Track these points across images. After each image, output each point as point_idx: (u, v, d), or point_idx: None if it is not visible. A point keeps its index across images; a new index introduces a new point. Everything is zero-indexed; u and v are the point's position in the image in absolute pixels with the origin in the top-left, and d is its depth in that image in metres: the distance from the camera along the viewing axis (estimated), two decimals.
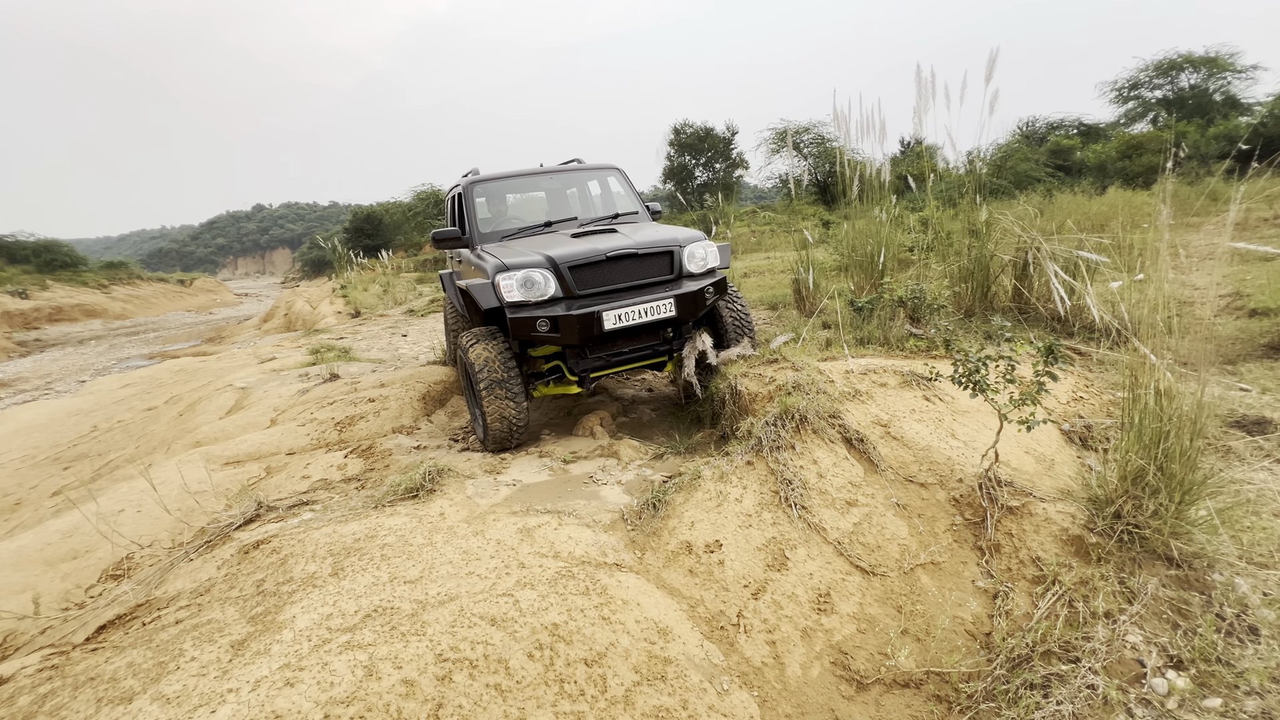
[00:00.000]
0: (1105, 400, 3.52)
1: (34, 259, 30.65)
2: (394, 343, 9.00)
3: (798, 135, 21.64)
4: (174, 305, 32.16)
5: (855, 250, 5.06)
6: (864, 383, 3.18)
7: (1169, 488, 2.02)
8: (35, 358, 16.77)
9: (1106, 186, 13.38)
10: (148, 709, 1.47)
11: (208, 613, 1.94)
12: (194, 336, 18.40)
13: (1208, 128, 17.03)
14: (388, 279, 18.21)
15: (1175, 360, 2.12)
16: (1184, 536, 2.03)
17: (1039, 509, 2.29)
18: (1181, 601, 1.92)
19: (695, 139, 26.51)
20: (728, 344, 3.75)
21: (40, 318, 24.42)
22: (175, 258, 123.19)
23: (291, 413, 4.78)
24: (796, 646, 1.99)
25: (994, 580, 2.17)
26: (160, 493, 3.18)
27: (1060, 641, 1.88)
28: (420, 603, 1.85)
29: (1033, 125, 22.04)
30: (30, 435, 6.49)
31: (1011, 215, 4.96)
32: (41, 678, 1.74)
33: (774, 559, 2.23)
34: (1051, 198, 8.89)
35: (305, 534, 2.34)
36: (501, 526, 2.36)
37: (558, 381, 3.69)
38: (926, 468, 2.61)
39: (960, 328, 4.32)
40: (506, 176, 4.57)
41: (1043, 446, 2.91)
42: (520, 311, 3.20)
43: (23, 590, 2.64)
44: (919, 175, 7.84)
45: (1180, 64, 20.07)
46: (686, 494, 2.48)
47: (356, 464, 3.61)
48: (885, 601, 2.14)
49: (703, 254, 3.57)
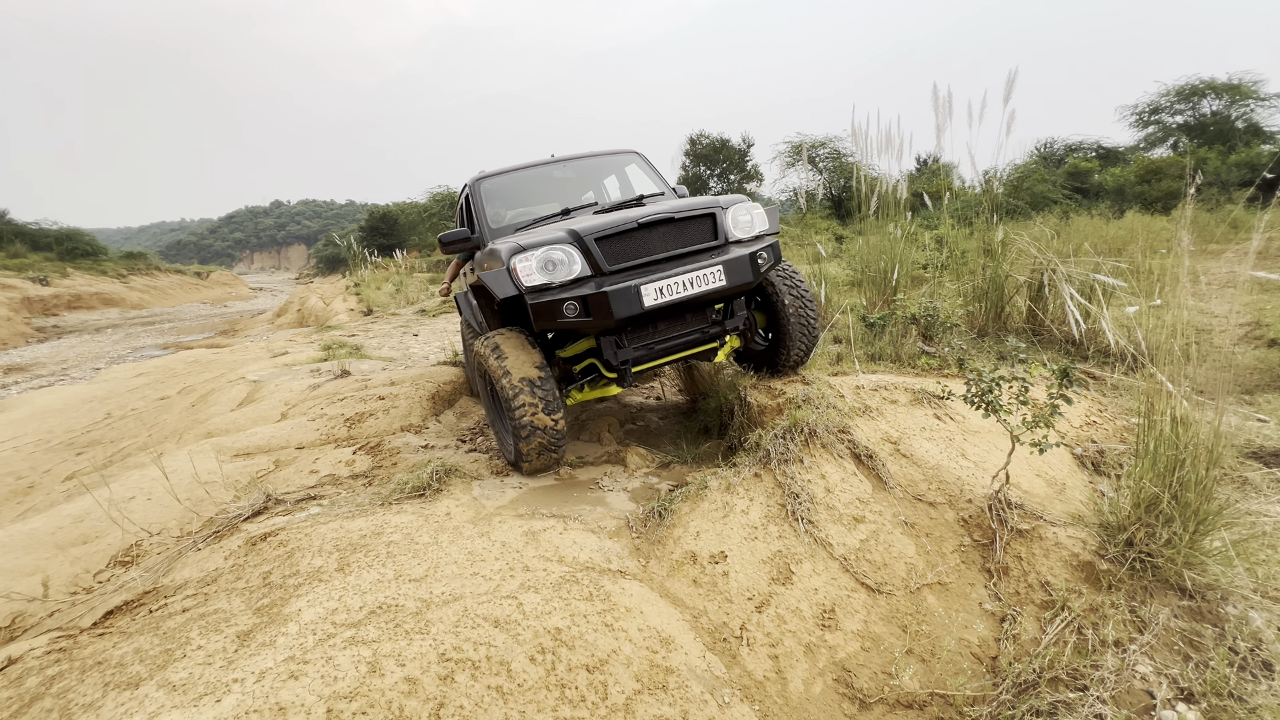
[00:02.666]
0: (1119, 425, 3.48)
1: (56, 247, 31.25)
2: (405, 341, 9.07)
3: (813, 149, 21.68)
4: (190, 297, 32.61)
5: (869, 266, 5.06)
6: (874, 399, 3.17)
7: (1183, 517, 1.99)
8: (53, 344, 17.04)
9: (1124, 210, 13.29)
10: (154, 695, 1.48)
11: (214, 602, 1.96)
12: (208, 328, 18.62)
13: (1229, 154, 16.88)
14: (401, 278, 18.38)
15: (1192, 388, 2.09)
16: (1198, 567, 2.00)
17: (1049, 533, 2.27)
18: (1194, 633, 1.89)
19: (711, 150, 26.61)
20: (786, 328, 3.26)
21: (60, 305, 24.83)
22: (193, 250, 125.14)
23: (302, 407, 4.82)
24: (799, 662, 1.97)
25: (1002, 603, 2.15)
26: (171, 481, 3.21)
27: (1068, 669, 1.85)
28: (425, 601, 1.85)
29: (1051, 146, 21.97)
30: (45, 420, 6.58)
31: (1027, 236, 4.94)
32: (49, 660, 1.76)
33: (779, 572, 2.21)
34: (1068, 220, 8.84)
35: (312, 528, 2.35)
36: (507, 529, 2.36)
37: (593, 383, 3.24)
38: (936, 487, 2.59)
39: (973, 347, 4.30)
40: (517, 169, 4.23)
41: (1054, 470, 2.88)
42: (542, 296, 2.70)
43: (33, 572, 2.67)
44: (935, 193, 7.83)
45: (1202, 90, 19.94)
46: (693, 504, 2.48)
47: (365, 461, 3.63)
48: (890, 620, 2.12)
49: (748, 217, 3.10)
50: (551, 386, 2.82)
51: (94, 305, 26.28)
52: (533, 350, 2.89)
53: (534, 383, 2.77)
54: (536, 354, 2.88)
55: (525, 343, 2.93)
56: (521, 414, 2.75)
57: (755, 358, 3.58)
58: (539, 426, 2.77)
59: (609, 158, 4.47)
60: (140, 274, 32.58)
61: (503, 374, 2.79)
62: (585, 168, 4.47)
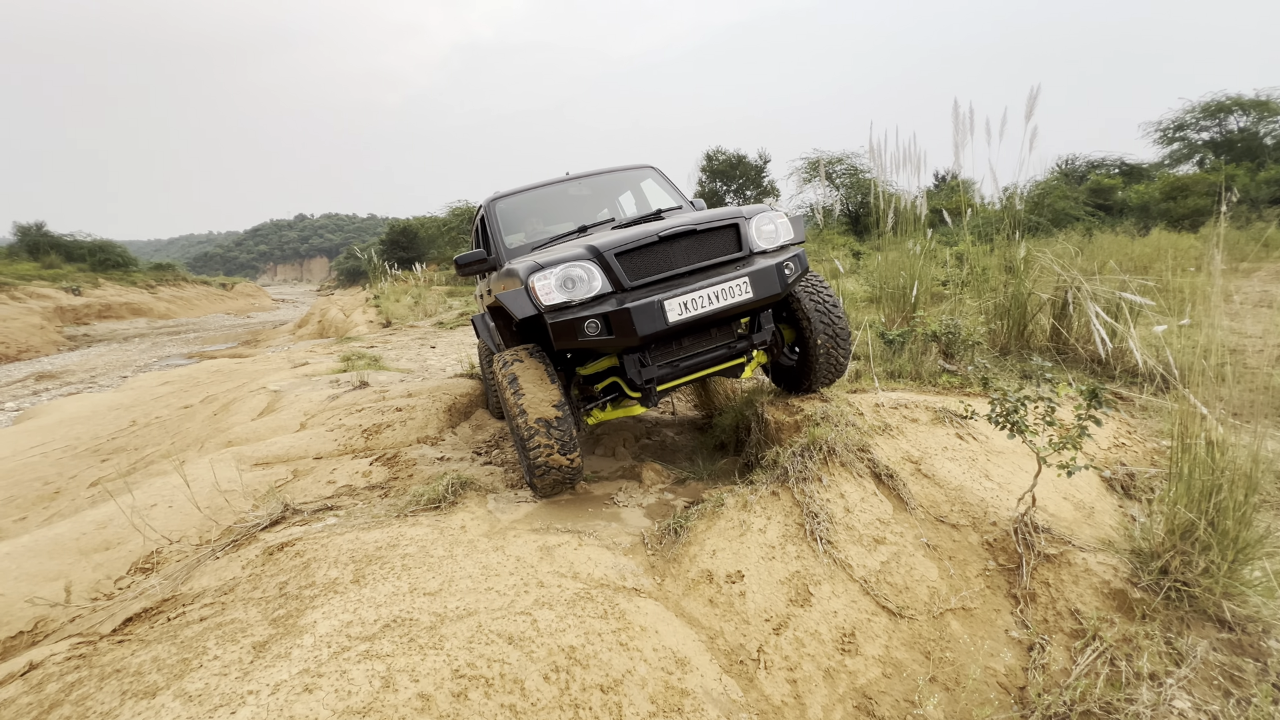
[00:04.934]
0: (1149, 448, 3.38)
1: (89, 258, 32.28)
2: (422, 354, 9.16)
3: (830, 165, 21.69)
4: (214, 307, 33.38)
5: (887, 282, 5.01)
6: (894, 417, 3.11)
7: (1221, 545, 1.92)
8: (83, 352, 17.51)
9: (1149, 228, 13.06)
10: (170, 705, 1.49)
11: (231, 612, 1.96)
12: (231, 338, 19.01)
13: (1258, 171, 16.56)
14: (419, 291, 18.63)
15: (1227, 410, 2.02)
16: (1237, 598, 1.91)
17: (1078, 558, 2.20)
18: (1234, 667, 1.81)
19: (727, 165, 26.76)
20: (812, 340, 3.14)
21: (90, 314, 25.56)
22: (219, 262, 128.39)
23: (321, 418, 4.88)
24: (819, 687, 1.92)
25: (1029, 631, 2.08)
26: (192, 489, 3.25)
27: (1101, 702, 1.78)
28: (439, 616, 1.84)
29: (1073, 163, 21.73)
30: (73, 426, 6.74)
31: (1050, 253, 4.87)
32: (69, 666, 1.77)
33: (797, 594, 2.17)
34: (1091, 237, 8.70)
35: (329, 539, 2.36)
36: (521, 543, 2.35)
37: (615, 403, 3.15)
38: (959, 508, 2.53)
39: (996, 366, 4.22)
40: (532, 188, 4.19)
41: (1082, 493, 2.80)
42: (562, 315, 2.60)
43: (56, 578, 2.71)
44: (954, 209, 7.77)
45: (1229, 106, 19.64)
46: (709, 521, 2.45)
47: (381, 472, 3.65)
48: (913, 646, 2.06)
49: (771, 227, 3.00)
50: (569, 426, 2.73)
51: (123, 315, 27.01)
52: (551, 386, 2.78)
53: (550, 424, 2.68)
54: (555, 390, 2.77)
55: (544, 375, 2.81)
56: (536, 454, 2.69)
57: (785, 375, 3.45)
58: (554, 466, 2.72)
59: (625, 173, 4.43)
60: (168, 285, 33.49)
61: (519, 412, 2.70)
62: (601, 184, 4.43)
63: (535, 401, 2.72)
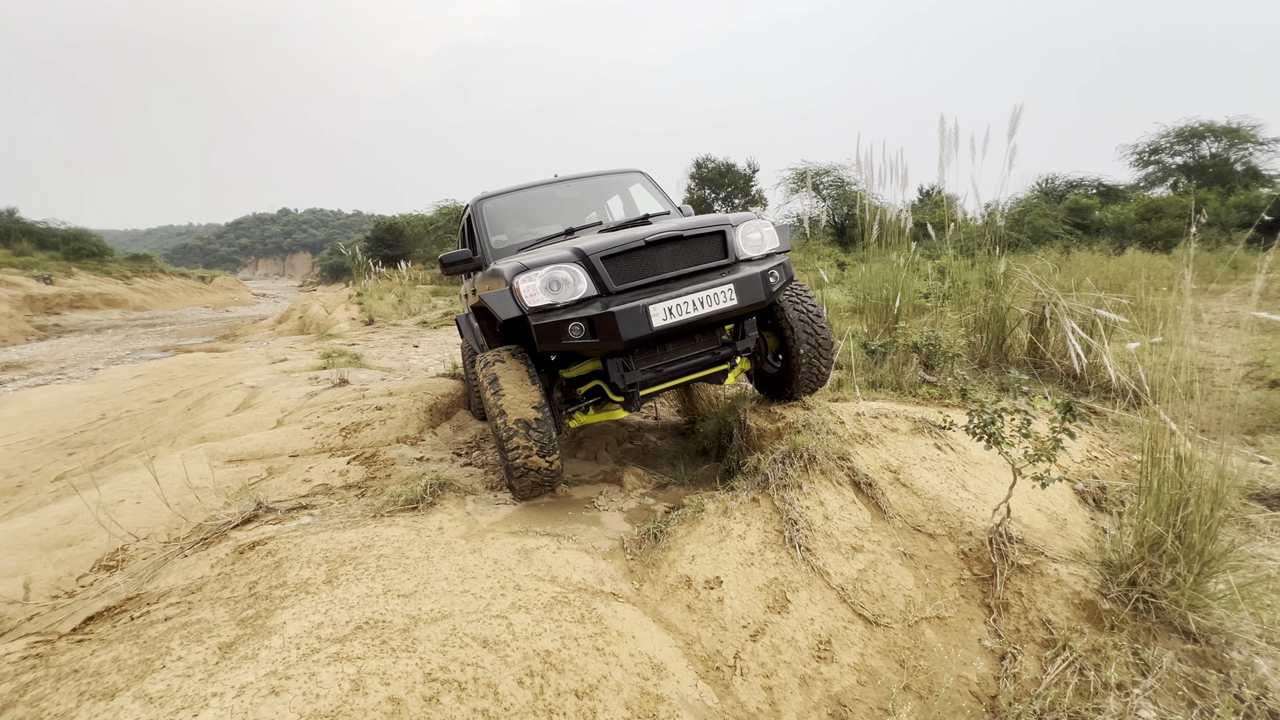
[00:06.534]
0: (1120, 462, 3.45)
1: (63, 246, 31.46)
2: (405, 352, 9.06)
3: (818, 176, 21.93)
4: (193, 301, 32.70)
5: (870, 293, 5.07)
6: (874, 426, 3.14)
7: (1188, 558, 1.96)
8: (52, 342, 17.03)
9: (1125, 247, 13.40)
10: (129, 707, 1.44)
11: (198, 611, 1.91)
12: (209, 332, 18.63)
13: (1228, 196, 17.09)
14: (404, 290, 18.45)
15: (1195, 426, 2.08)
16: (1202, 610, 1.96)
17: (1050, 569, 2.23)
18: (1198, 678, 1.85)
19: (716, 174, 26.93)
20: (795, 349, 3.16)
21: (62, 304, 24.89)
22: (199, 254, 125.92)
23: (298, 415, 4.79)
24: (794, 694, 1.92)
25: (1002, 641, 2.10)
26: (162, 485, 3.17)
27: (1070, 711, 1.80)
28: (413, 618, 1.81)
29: (1052, 182, 22.23)
30: (39, 419, 6.54)
31: (1029, 269, 4.97)
32: (24, 665, 1.71)
33: (775, 600, 2.17)
34: (1069, 255, 8.90)
35: (302, 538, 2.31)
36: (499, 546, 2.33)
37: (598, 406, 3.15)
38: (936, 518, 2.56)
39: (975, 378, 4.29)
40: (519, 189, 4.16)
41: (1055, 505, 2.85)
42: (546, 317, 2.60)
43: (15, 574, 2.62)
44: (938, 223, 7.89)
45: (1202, 132, 20.26)
46: (689, 526, 2.44)
47: (359, 471, 3.59)
48: (888, 654, 2.07)
49: (758, 235, 3.02)
50: (549, 428, 2.72)
51: (96, 305, 26.33)
52: (531, 387, 2.77)
53: (530, 425, 2.68)
54: (535, 391, 2.76)
55: (525, 376, 2.80)
56: (515, 456, 2.68)
57: (768, 382, 3.47)
58: (532, 468, 2.72)
59: (613, 177, 4.42)
60: (144, 276, 32.73)
61: (499, 413, 2.69)
62: (589, 187, 4.41)
63: (515, 403, 2.70)
